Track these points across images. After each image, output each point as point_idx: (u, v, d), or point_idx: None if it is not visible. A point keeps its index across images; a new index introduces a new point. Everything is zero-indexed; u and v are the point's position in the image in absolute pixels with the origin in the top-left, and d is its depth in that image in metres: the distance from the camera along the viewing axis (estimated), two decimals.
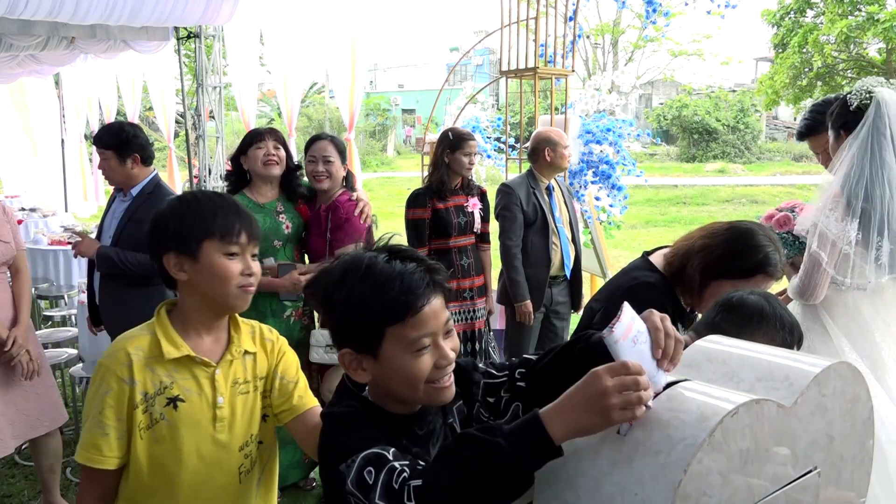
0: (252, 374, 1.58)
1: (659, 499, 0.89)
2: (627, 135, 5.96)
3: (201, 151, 6.45)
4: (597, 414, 0.93)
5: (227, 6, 4.80)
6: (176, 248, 1.48)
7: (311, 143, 3.34)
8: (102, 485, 1.49)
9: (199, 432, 1.49)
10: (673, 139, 25.58)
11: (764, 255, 1.84)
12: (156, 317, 1.53)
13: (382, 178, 21.07)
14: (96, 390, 1.47)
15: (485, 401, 1.27)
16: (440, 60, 41.39)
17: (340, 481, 1.05)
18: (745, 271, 1.85)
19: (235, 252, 1.49)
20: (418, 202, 3.84)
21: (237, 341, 1.56)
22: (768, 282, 1.87)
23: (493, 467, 0.93)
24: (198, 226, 1.47)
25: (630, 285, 2.03)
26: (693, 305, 1.98)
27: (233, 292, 1.49)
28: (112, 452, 1.45)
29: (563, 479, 1.00)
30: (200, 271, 1.48)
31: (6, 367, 2.92)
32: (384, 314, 1.09)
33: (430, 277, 1.11)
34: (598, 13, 22.16)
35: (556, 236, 3.94)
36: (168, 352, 1.47)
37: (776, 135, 29.18)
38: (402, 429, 1.16)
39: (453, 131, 3.94)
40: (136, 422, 1.45)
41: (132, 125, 3.29)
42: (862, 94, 2.36)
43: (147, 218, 3.10)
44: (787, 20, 17.50)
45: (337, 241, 3.15)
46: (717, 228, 1.94)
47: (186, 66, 9.71)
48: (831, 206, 2.34)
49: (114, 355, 1.48)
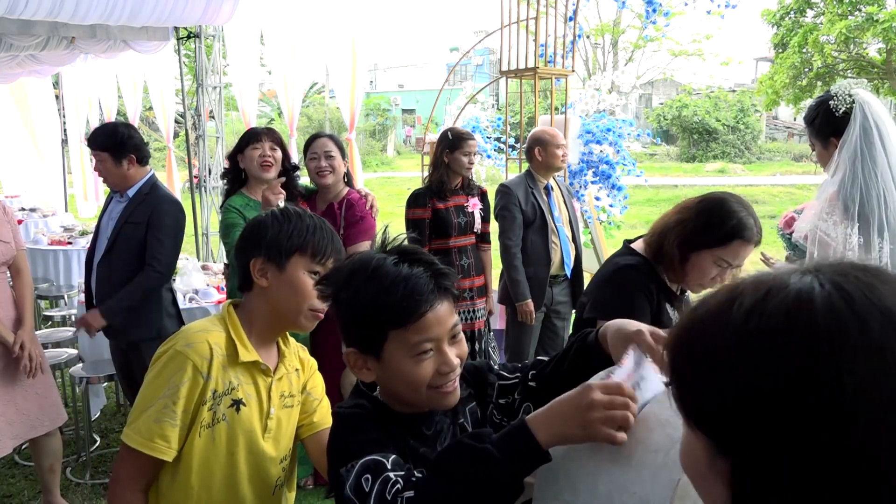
0: (297, 389, 1.59)
1: (658, 497, 0.89)
2: (627, 135, 5.96)
3: (201, 151, 6.45)
4: (580, 426, 0.94)
5: (227, 6, 4.80)
6: (266, 254, 1.48)
7: (310, 141, 3.39)
8: (148, 476, 1.43)
9: (251, 440, 1.48)
10: (673, 139, 25.58)
11: (737, 221, 1.87)
12: (226, 316, 1.50)
13: (382, 178, 21.08)
14: (170, 377, 1.40)
15: (497, 402, 1.27)
16: (440, 60, 41.41)
17: (340, 485, 1.05)
18: (722, 239, 1.87)
19: (319, 271, 1.49)
20: (418, 202, 3.85)
21: (288, 356, 1.58)
22: (746, 247, 1.89)
23: (483, 474, 0.94)
24: (294, 237, 1.48)
25: (612, 271, 2.07)
26: (678, 281, 2.00)
27: (304, 312, 1.49)
28: (175, 444, 1.40)
29: (562, 478, 1.00)
30: (282, 283, 1.48)
31: (6, 368, 2.92)
32: (387, 317, 1.08)
33: (436, 282, 1.10)
34: (598, 13, 22.18)
35: (555, 235, 3.95)
36: (242, 354, 1.46)
37: (776, 135, 29.19)
38: (409, 429, 1.16)
39: (452, 131, 3.95)
40: (200, 418, 1.41)
41: (127, 125, 3.28)
42: (845, 98, 2.38)
43: (144, 219, 3.14)
44: (787, 20, 17.50)
45: (351, 238, 3.20)
46: (690, 202, 1.98)
47: (186, 66, 9.72)
48: (828, 209, 2.35)
49: (195, 347, 1.42)
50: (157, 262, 3.10)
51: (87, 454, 3.72)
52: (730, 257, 1.89)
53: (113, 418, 4.40)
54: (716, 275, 1.91)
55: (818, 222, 2.36)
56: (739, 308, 0.60)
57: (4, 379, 2.92)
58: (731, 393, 0.58)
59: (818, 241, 2.35)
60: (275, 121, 22.84)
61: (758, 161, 23.57)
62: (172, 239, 3.17)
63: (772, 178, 19.25)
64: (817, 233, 2.34)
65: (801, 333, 0.56)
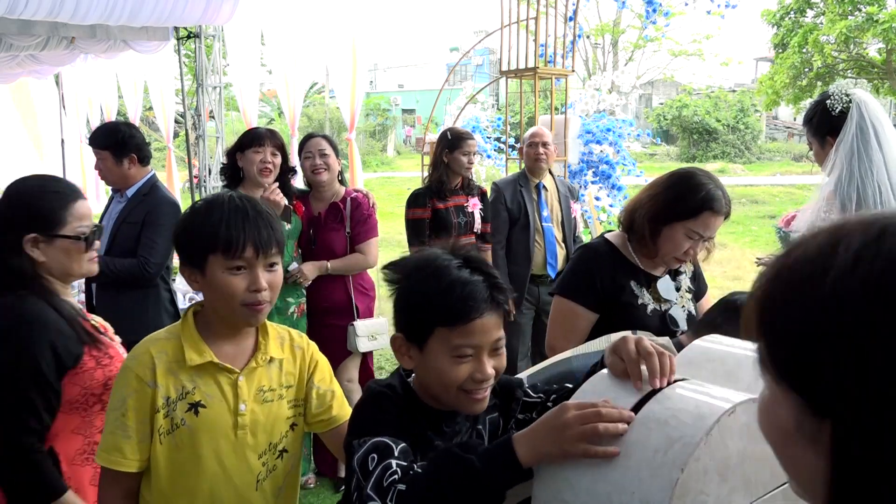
0: (278, 382, 1.54)
1: (656, 497, 0.89)
2: (627, 135, 5.97)
3: (201, 151, 6.45)
4: (555, 444, 0.98)
5: (227, 6, 4.80)
6: (187, 262, 1.45)
7: (304, 141, 3.45)
8: (124, 486, 1.47)
9: (220, 439, 1.46)
10: (673, 139, 25.58)
11: (706, 192, 1.93)
12: (182, 320, 1.50)
13: (382, 178, 21.07)
14: (119, 391, 1.45)
15: (517, 417, 1.32)
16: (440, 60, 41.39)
17: (350, 454, 1.14)
18: (691, 210, 1.93)
19: (241, 266, 1.41)
20: (418, 202, 3.86)
21: (264, 348, 1.52)
22: (716, 218, 1.94)
23: (465, 483, 1.00)
24: (202, 238, 1.41)
25: (575, 253, 2.24)
26: (651, 256, 2.05)
27: (237, 310, 1.43)
28: (134, 455, 1.43)
29: (561, 479, 1.00)
30: (207, 286, 1.44)
31: None
32: (438, 315, 1.15)
33: (491, 294, 1.17)
34: (598, 13, 22.17)
35: (539, 235, 4.01)
36: (191, 358, 1.44)
37: (776, 135, 29.20)
38: (431, 421, 1.22)
39: (451, 131, 3.97)
40: (157, 426, 1.43)
41: (128, 125, 3.28)
42: (842, 98, 2.41)
43: (141, 219, 3.13)
44: (787, 20, 17.49)
45: (361, 236, 3.37)
46: (659, 179, 2.05)
47: (186, 66, 9.71)
48: (826, 207, 2.38)
49: (137, 357, 1.46)
50: (146, 263, 3.06)
51: None
52: (700, 228, 1.94)
53: None
54: (688, 247, 1.96)
55: (815, 219, 2.38)
56: (847, 250, 0.54)
57: None
58: (838, 343, 0.52)
59: None
60: (275, 121, 22.84)
61: (758, 161, 23.57)
62: (166, 241, 3.16)
63: (772, 178, 19.25)
64: (814, 229, 2.36)
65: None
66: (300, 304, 3.36)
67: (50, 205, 1.69)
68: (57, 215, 1.69)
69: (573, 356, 1.57)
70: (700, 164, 22.22)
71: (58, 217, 1.69)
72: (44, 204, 1.69)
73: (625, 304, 2.01)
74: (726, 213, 1.96)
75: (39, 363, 1.60)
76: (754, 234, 10.84)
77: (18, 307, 1.63)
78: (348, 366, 3.44)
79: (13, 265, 1.65)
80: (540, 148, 4.02)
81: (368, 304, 3.50)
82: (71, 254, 1.72)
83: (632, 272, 2.05)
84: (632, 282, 2.03)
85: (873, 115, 2.35)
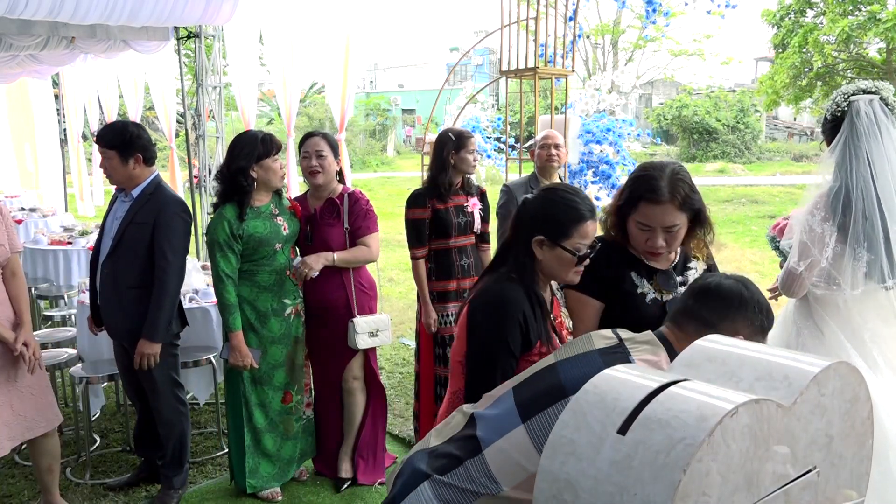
0: None
1: (658, 498, 0.89)
2: (627, 135, 5.97)
3: (201, 151, 6.45)
4: None
5: (227, 6, 4.79)
6: None
7: (303, 140, 3.42)
8: None
9: None
10: (673, 139, 25.58)
11: (645, 183, 1.96)
12: None
13: (382, 177, 21.07)
14: None
15: None
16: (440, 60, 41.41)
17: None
18: (631, 201, 1.99)
19: None
20: (418, 202, 3.84)
21: None
22: (652, 208, 1.94)
23: None
24: None
25: None
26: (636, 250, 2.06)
27: None
28: None
29: (562, 479, 1.00)
30: None
31: (1, 370, 2.92)
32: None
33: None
34: (598, 13, 22.16)
35: None
36: None
37: (776, 135, 29.20)
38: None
39: (453, 132, 3.95)
40: None
41: (136, 125, 3.28)
42: (840, 102, 2.45)
43: (148, 220, 3.14)
44: (787, 20, 17.47)
45: (364, 230, 3.40)
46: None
47: (186, 66, 9.71)
48: (815, 207, 2.43)
49: None
50: (168, 266, 3.10)
51: (87, 454, 3.71)
52: (642, 218, 1.96)
53: (113, 418, 4.40)
54: (646, 239, 1.99)
55: (807, 216, 2.44)
56: None
57: (0, 380, 2.92)
58: None
59: (799, 248, 2.44)
60: (274, 121, 22.84)
61: (758, 161, 23.57)
62: (182, 240, 3.18)
63: (772, 178, 19.25)
64: (804, 224, 2.44)
65: None
66: (296, 306, 3.35)
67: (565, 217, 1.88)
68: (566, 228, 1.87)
69: (557, 361, 1.57)
70: (700, 164, 22.23)
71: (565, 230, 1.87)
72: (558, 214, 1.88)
73: (625, 293, 2.04)
74: (680, 203, 1.93)
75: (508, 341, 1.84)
76: (754, 234, 10.83)
77: None
78: (352, 365, 3.45)
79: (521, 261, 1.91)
80: (552, 150, 4.07)
81: (369, 303, 3.49)
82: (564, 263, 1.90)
83: (632, 263, 2.08)
84: (632, 272, 2.06)
85: (865, 127, 2.38)
